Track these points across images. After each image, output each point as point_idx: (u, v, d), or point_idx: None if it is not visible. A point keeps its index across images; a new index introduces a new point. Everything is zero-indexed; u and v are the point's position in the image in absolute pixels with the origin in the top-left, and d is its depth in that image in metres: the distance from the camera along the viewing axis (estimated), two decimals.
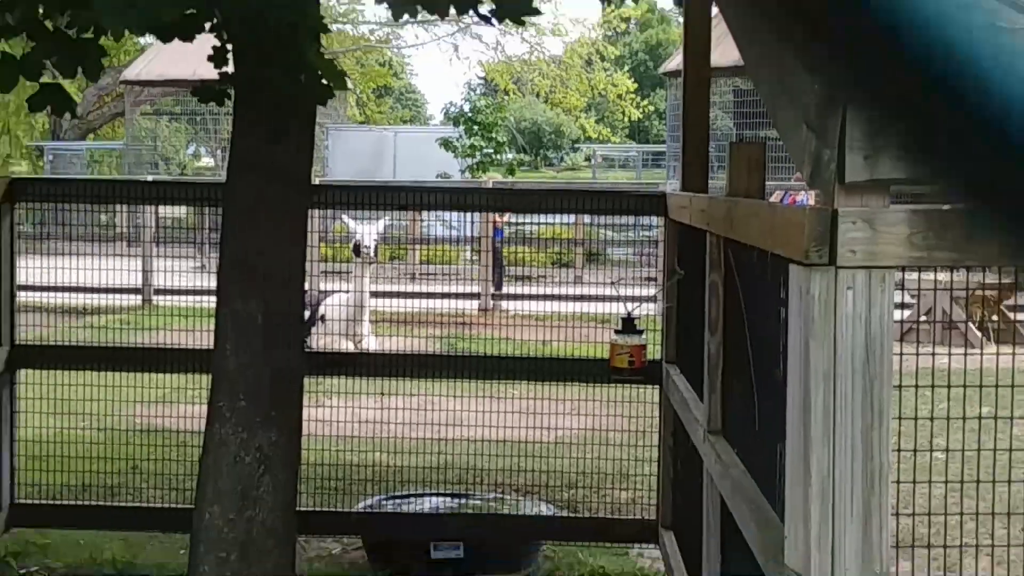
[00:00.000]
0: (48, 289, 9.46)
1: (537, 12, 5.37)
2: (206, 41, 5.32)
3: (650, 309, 7.50)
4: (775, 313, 3.50)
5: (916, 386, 4.00)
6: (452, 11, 5.29)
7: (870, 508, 2.95)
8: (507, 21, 5.41)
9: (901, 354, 3.01)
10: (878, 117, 3.11)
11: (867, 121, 2.87)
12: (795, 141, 3.14)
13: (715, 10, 6.83)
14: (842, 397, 2.93)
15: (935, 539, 4.78)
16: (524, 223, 18.45)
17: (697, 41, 7.12)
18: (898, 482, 3.12)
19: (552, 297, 16.79)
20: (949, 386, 3.92)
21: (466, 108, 41.00)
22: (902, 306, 12.00)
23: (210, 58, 5.26)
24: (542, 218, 17.17)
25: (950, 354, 6.84)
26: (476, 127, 37.12)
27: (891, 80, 0.68)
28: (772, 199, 4.91)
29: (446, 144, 35.24)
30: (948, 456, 3.60)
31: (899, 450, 3.09)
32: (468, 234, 19.36)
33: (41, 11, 4.98)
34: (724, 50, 7.04)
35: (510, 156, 37.58)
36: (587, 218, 16.40)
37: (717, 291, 5.04)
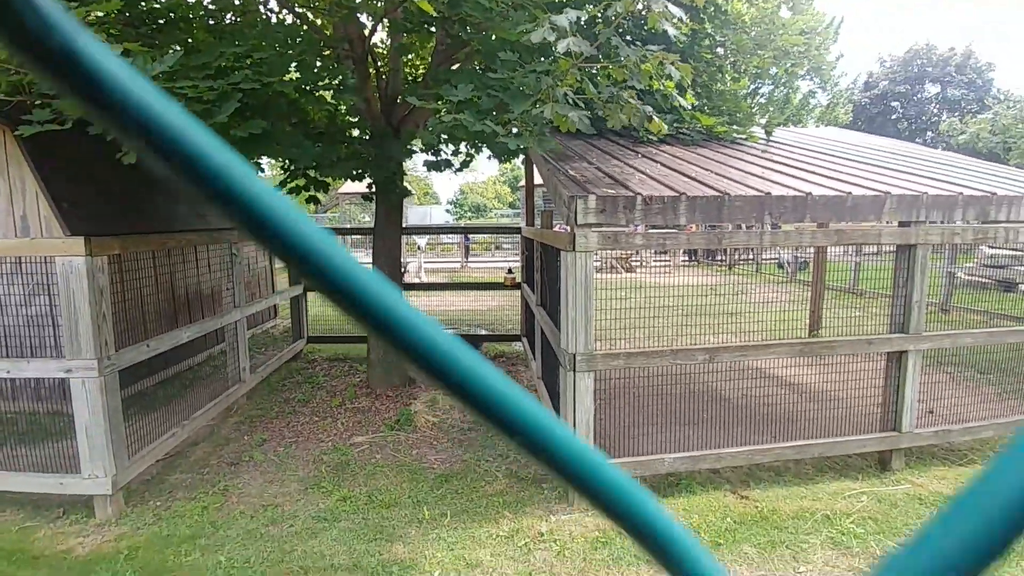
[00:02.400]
0: None
1: (469, 165, 5.31)
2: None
3: (517, 264, 7.48)
4: (557, 266, 3.56)
5: (600, 289, 4.05)
6: (447, 171, 5.17)
7: (587, 327, 3.06)
8: (465, 169, 5.28)
9: (596, 277, 3.08)
10: (594, 209, 3.06)
11: (585, 206, 2.94)
12: (561, 210, 3.19)
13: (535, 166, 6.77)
14: (579, 292, 3.02)
15: (608, 336, 4.92)
16: (476, 235, 18.30)
17: (529, 176, 7.07)
18: (596, 319, 3.20)
19: (484, 261, 16.68)
20: (613, 288, 4.00)
21: (454, 198, 40.15)
22: (597, 261, 12.22)
23: (368, 185, 5.09)
24: (481, 235, 16.93)
25: (612, 276, 7.03)
26: (458, 206, 36.60)
27: None
28: (555, 228, 4.89)
29: (448, 211, 34.54)
30: (613, 310, 3.68)
31: (598, 309, 3.18)
32: (456, 241, 19.08)
33: (303, 168, 4.76)
34: (538, 178, 6.98)
35: (469, 214, 36.93)
36: (498, 236, 16.27)
37: (540, 258, 5.07)
